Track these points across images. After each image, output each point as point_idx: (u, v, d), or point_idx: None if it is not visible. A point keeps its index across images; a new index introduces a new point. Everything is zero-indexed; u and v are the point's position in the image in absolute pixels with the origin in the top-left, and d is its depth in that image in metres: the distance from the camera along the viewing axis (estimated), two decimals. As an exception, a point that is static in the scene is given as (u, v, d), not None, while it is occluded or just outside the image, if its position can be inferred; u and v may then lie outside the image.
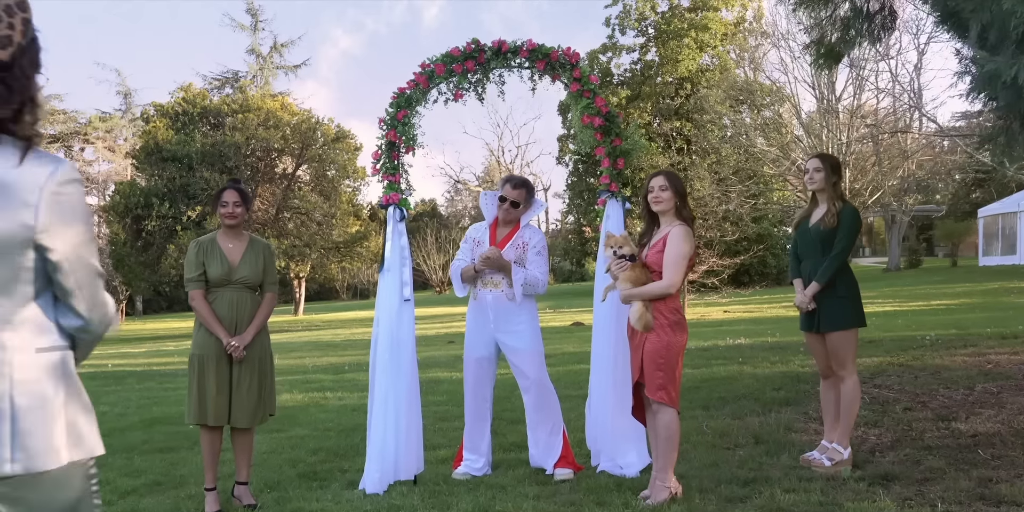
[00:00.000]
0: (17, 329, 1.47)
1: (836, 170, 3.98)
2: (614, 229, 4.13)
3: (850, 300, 3.92)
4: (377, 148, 4.00)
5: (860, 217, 3.96)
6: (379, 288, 4.13)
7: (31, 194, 1.43)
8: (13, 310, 1.46)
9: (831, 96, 23.52)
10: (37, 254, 1.47)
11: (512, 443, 4.79)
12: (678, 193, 3.64)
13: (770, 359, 7.91)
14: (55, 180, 1.46)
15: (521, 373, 4.14)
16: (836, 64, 4.82)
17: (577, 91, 4.08)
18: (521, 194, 4.15)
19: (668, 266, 3.55)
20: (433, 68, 3.94)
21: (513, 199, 4.13)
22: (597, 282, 4.24)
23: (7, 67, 1.45)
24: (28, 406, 1.45)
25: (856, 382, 3.93)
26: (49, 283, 1.51)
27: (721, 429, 4.80)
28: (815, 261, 3.96)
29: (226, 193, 3.92)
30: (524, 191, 4.17)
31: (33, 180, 1.44)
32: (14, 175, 1.43)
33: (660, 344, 3.52)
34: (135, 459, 4.97)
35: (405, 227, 4.08)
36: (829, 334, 3.93)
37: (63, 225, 1.47)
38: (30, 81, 1.50)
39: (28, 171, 1.44)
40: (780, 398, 5.67)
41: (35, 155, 1.46)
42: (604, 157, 4.21)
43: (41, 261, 1.48)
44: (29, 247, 1.45)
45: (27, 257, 1.46)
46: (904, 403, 5.22)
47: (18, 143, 1.46)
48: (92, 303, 1.55)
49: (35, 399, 1.46)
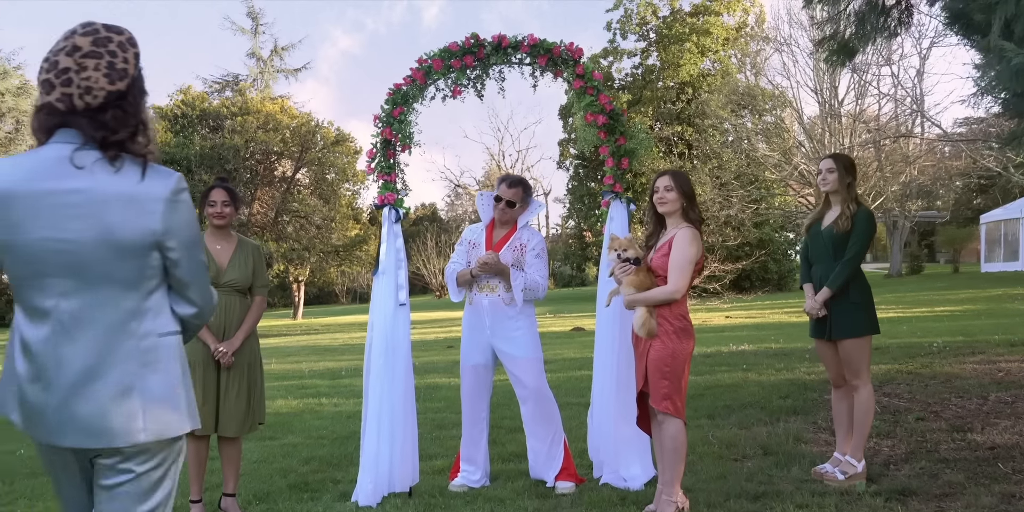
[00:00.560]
0: (144, 318, 1.72)
1: (850, 170, 3.81)
2: (618, 231, 3.98)
3: (863, 306, 3.75)
4: (372, 146, 3.85)
5: (875, 220, 3.78)
6: (373, 291, 3.97)
7: (155, 204, 1.69)
8: (140, 302, 1.72)
9: (834, 100, 23.40)
10: (159, 253, 1.72)
11: (511, 453, 4.62)
12: (684, 194, 3.48)
13: (775, 366, 7.75)
14: (171, 191, 1.71)
15: (519, 382, 3.98)
16: (850, 60, 4.68)
17: (580, 88, 3.93)
18: (517, 193, 3.99)
19: (674, 270, 3.39)
20: (431, 63, 3.79)
21: (509, 198, 3.97)
22: (600, 286, 4.08)
23: (123, 95, 1.70)
24: (155, 384, 1.71)
25: (870, 392, 3.77)
26: (166, 278, 1.78)
27: (728, 439, 4.64)
28: (827, 266, 3.80)
29: (214, 192, 3.76)
30: (520, 190, 4.01)
31: (155, 192, 1.69)
32: (139, 189, 1.68)
33: (665, 352, 3.36)
34: (121, 468, 4.80)
35: (401, 228, 3.92)
36: (841, 342, 3.76)
37: (179, 228, 1.72)
38: (141, 106, 1.74)
39: (149, 185, 1.69)
40: (787, 407, 5.51)
41: (152, 170, 1.72)
42: (608, 157, 4.05)
43: (161, 259, 1.73)
44: (154, 248, 1.71)
45: (152, 257, 1.71)
46: (916, 413, 5.06)
47: (136, 160, 1.70)
48: (202, 293, 1.82)
49: (160, 377, 1.72)
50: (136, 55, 1.75)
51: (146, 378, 1.70)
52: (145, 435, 1.68)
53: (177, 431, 1.74)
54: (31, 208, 1.65)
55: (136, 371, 1.69)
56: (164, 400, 1.71)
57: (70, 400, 1.66)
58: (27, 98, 35.04)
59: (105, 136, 1.68)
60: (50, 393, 1.67)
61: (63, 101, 1.66)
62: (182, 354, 1.80)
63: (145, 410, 1.68)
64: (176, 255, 1.73)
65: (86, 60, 1.67)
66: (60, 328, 1.67)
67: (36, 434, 1.71)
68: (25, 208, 1.65)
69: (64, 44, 1.69)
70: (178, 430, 1.74)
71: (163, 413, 1.70)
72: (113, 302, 1.69)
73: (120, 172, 1.68)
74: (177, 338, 1.79)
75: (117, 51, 1.70)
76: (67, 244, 1.65)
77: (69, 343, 1.67)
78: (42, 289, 1.68)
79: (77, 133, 1.68)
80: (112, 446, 1.67)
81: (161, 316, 1.75)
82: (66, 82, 1.66)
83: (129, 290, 1.70)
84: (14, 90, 34.74)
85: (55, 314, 1.68)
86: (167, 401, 1.72)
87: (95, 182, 1.66)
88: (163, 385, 1.72)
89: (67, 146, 1.67)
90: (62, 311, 1.67)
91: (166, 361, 1.73)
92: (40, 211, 1.65)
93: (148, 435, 1.68)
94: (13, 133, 34.38)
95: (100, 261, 1.67)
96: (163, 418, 1.71)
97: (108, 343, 1.68)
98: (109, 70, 1.68)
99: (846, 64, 4.59)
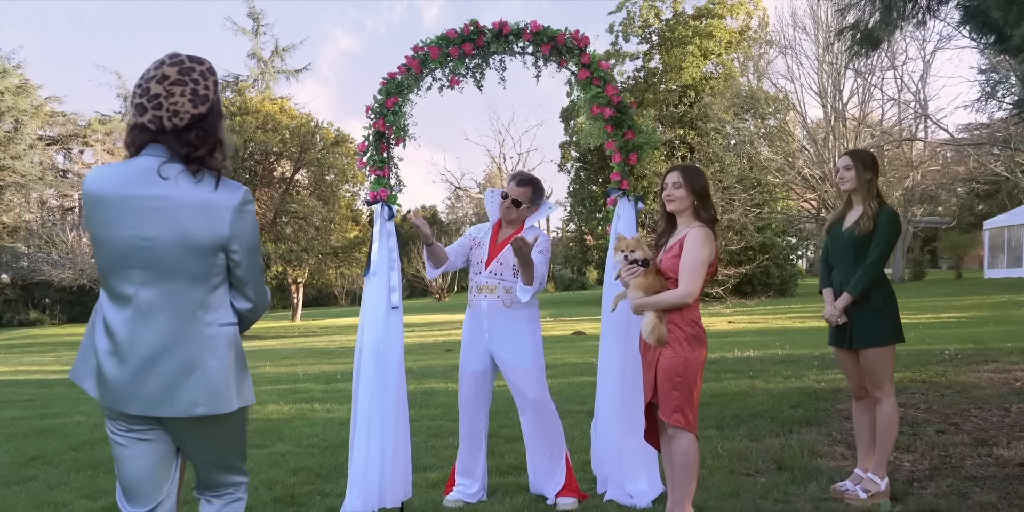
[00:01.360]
0: (208, 310, 1.99)
1: (869, 166, 3.55)
2: (625, 231, 3.73)
3: (886, 313, 3.50)
4: (364, 139, 3.61)
5: (899, 220, 3.52)
6: (364, 293, 3.73)
7: (224, 212, 1.96)
8: (206, 296, 1.98)
9: (838, 104, 23.18)
10: (224, 254, 2.00)
11: (510, 465, 4.38)
12: (694, 191, 3.24)
13: (783, 373, 7.51)
14: (239, 202, 1.99)
15: (518, 391, 3.73)
16: (874, 50, 4.45)
17: (586, 78, 3.69)
18: (525, 193, 3.75)
19: (685, 272, 3.15)
20: (427, 51, 3.56)
21: (515, 197, 3.74)
22: (606, 289, 3.83)
23: (204, 117, 1.97)
24: (215, 367, 1.98)
25: (894, 405, 3.52)
26: (227, 276, 2.05)
27: (739, 452, 4.39)
28: (848, 269, 3.56)
29: None
30: (529, 190, 3.77)
31: (225, 202, 1.96)
32: (212, 198, 1.95)
33: (676, 361, 3.12)
34: (99, 478, 4.56)
35: (395, 227, 3.68)
36: (863, 351, 3.52)
37: (243, 234, 2.00)
38: (219, 127, 2.01)
39: (221, 195, 1.97)
40: (799, 417, 5.27)
41: (224, 183, 1.99)
42: (615, 152, 3.81)
43: (225, 259, 2.01)
44: (220, 250, 1.98)
45: (219, 257, 1.99)
46: (936, 425, 4.81)
47: (212, 173, 1.98)
48: (258, 291, 2.09)
49: (219, 362, 1.99)
50: (215, 82, 2.03)
51: (206, 361, 1.97)
52: (202, 409, 1.97)
53: (229, 408, 2.01)
54: (119, 209, 1.94)
55: (199, 354, 1.97)
56: (220, 381, 1.99)
57: (140, 375, 1.95)
58: (26, 97, 34.85)
59: (188, 152, 1.96)
60: (124, 367, 1.96)
61: (154, 122, 1.95)
62: (238, 342, 2.08)
63: (204, 388, 1.97)
64: (238, 257, 2.02)
65: (174, 87, 1.94)
66: (138, 312, 1.96)
67: (108, 401, 2.00)
68: (114, 209, 1.95)
69: (155, 73, 1.96)
70: (230, 407, 2.01)
71: (218, 392, 1.99)
72: (183, 293, 1.97)
73: (199, 183, 1.97)
74: (234, 329, 2.06)
75: (199, 79, 1.97)
76: (148, 241, 1.94)
77: (145, 325, 1.96)
78: (126, 278, 1.97)
79: (165, 149, 1.97)
80: (172, 416, 1.97)
81: (222, 308, 2.03)
82: (157, 106, 1.94)
83: (197, 284, 1.98)
84: (13, 89, 34.51)
85: (135, 300, 1.96)
86: (222, 382, 2.00)
87: (176, 190, 1.94)
88: (220, 368, 2.00)
89: (156, 159, 1.97)
90: (141, 298, 1.96)
91: (223, 348, 2.01)
92: (127, 212, 1.94)
93: (204, 410, 1.97)
94: (12, 132, 34.17)
95: (174, 258, 1.94)
96: (218, 396, 1.99)
97: (177, 328, 1.96)
98: (193, 96, 1.95)
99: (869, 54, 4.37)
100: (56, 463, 5.01)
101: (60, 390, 9.53)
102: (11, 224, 33.87)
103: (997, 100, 21.22)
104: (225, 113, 9.29)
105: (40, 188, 36.29)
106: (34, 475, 4.68)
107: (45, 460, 5.12)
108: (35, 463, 5.04)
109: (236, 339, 2.05)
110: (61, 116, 39.57)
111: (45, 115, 37.58)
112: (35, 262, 29.80)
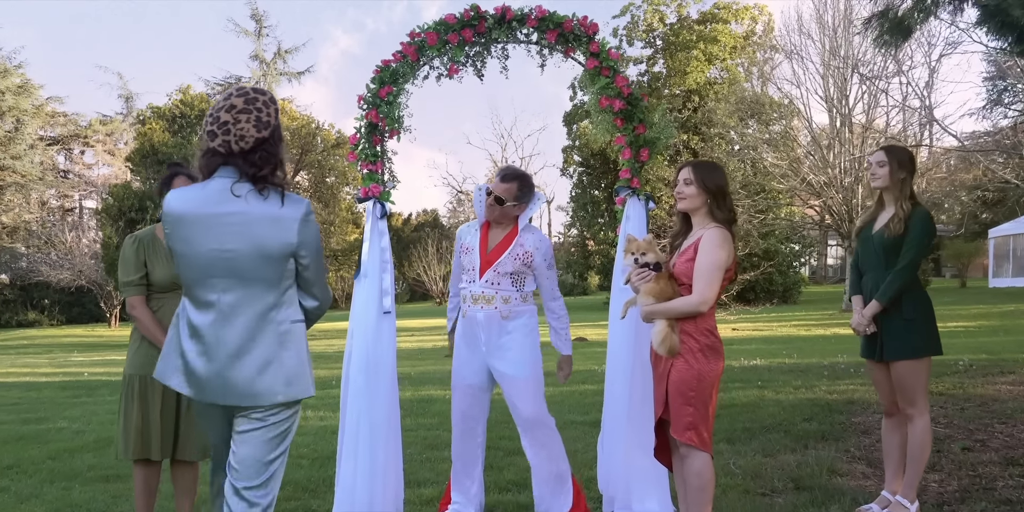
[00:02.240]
0: (281, 308, 2.24)
1: (904, 164, 3.28)
2: (635, 232, 3.46)
3: (920, 323, 3.24)
4: (356, 131, 3.37)
5: (933, 223, 3.25)
6: (354, 297, 3.48)
7: (292, 223, 2.21)
8: (279, 297, 2.23)
9: (845, 108, 22.94)
10: (295, 260, 2.25)
11: (509, 481, 4.11)
12: (707, 188, 2.95)
13: (792, 383, 7.25)
14: (303, 214, 2.23)
15: (514, 407, 3.44)
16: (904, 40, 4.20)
17: (594, 68, 3.44)
18: (510, 190, 3.37)
19: (700, 277, 2.89)
20: (424, 38, 3.31)
21: (499, 194, 3.37)
22: (614, 295, 3.57)
23: (266, 141, 2.21)
24: (288, 358, 2.23)
25: (927, 423, 3.25)
26: (295, 279, 2.30)
27: (752, 469, 4.13)
28: (878, 275, 3.29)
29: (177, 180, 3.31)
30: (515, 186, 3.37)
31: (292, 214, 2.21)
32: (281, 212, 2.20)
33: (689, 373, 2.86)
34: (74, 490, 4.30)
35: (388, 225, 3.43)
36: (894, 364, 3.26)
37: (309, 241, 2.24)
38: (279, 148, 2.24)
39: (288, 209, 2.21)
40: (814, 431, 5.00)
41: (289, 197, 2.24)
42: (625, 147, 3.56)
43: (294, 264, 2.27)
44: (291, 256, 2.23)
45: (289, 262, 2.24)
46: (960, 441, 4.55)
47: (276, 189, 2.23)
48: (323, 290, 2.33)
49: (291, 353, 2.25)
50: (276, 110, 2.27)
51: (282, 354, 2.22)
52: (283, 397, 2.22)
53: (304, 394, 2.27)
54: (202, 226, 2.19)
55: (275, 349, 2.22)
56: (295, 371, 2.25)
57: (226, 370, 2.20)
58: (27, 97, 34.69)
59: (255, 172, 2.20)
60: (212, 364, 2.21)
61: (224, 146, 2.19)
62: (304, 335, 2.32)
63: (283, 378, 2.22)
64: (306, 261, 2.27)
65: (240, 115, 2.18)
66: (221, 316, 2.21)
67: (198, 395, 2.25)
68: (197, 226, 2.20)
69: (224, 103, 2.21)
70: (305, 394, 2.27)
71: (295, 380, 2.24)
72: (260, 297, 2.22)
73: (267, 199, 2.21)
74: (302, 325, 2.31)
75: (263, 107, 2.22)
76: (229, 253, 2.19)
77: (228, 327, 2.21)
78: (209, 287, 2.22)
79: (234, 170, 2.22)
80: (257, 405, 2.21)
81: (292, 307, 2.28)
82: (225, 132, 2.18)
83: (271, 288, 2.23)
84: (14, 89, 34.36)
85: (218, 305, 2.21)
86: (298, 372, 2.25)
87: (248, 207, 2.19)
88: (294, 359, 2.25)
89: (228, 180, 2.21)
90: (223, 303, 2.21)
91: (295, 341, 2.27)
92: (209, 229, 2.19)
93: (284, 397, 2.23)
94: (12, 132, 34.00)
95: (252, 266, 2.19)
96: (295, 384, 2.24)
97: (255, 327, 2.21)
98: (257, 122, 2.19)
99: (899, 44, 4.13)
100: (31, 473, 4.75)
101: (48, 393, 9.29)
102: (11, 224, 33.69)
103: (1004, 106, 20.99)
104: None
105: (40, 188, 36.12)
106: (6, 486, 4.42)
107: (20, 469, 4.87)
108: (9, 473, 4.78)
109: (304, 334, 2.31)
110: (62, 116, 39.42)
111: (46, 115, 37.45)
112: (34, 263, 29.59)
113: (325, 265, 2.34)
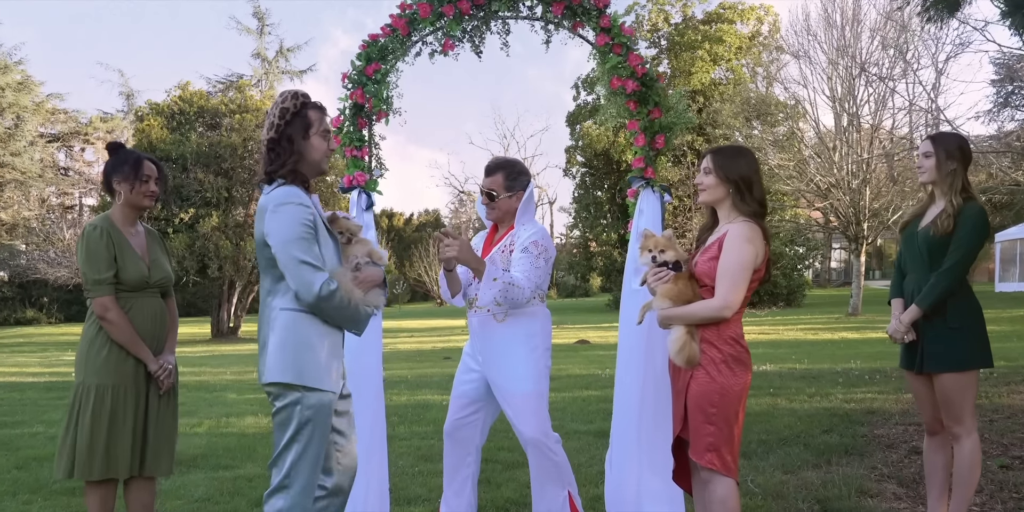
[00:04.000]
0: (276, 295, 2.43)
1: (954, 155, 2.92)
2: (650, 227, 3.11)
3: (966, 332, 2.88)
4: (339, 112, 3.03)
5: (987, 221, 2.88)
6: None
7: (264, 213, 2.42)
8: (273, 284, 2.44)
9: (853, 108, 22.59)
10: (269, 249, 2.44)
11: (507, 499, 3.76)
12: (729, 178, 2.61)
13: (806, 391, 6.92)
14: (275, 203, 2.39)
15: (513, 426, 3.06)
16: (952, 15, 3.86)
17: (605, 45, 3.09)
18: (496, 181, 3.05)
19: (723, 278, 2.54)
20: (416, 10, 2.98)
21: (486, 189, 3.06)
22: (625, 297, 3.22)
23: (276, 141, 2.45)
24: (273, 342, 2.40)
25: (976, 443, 2.89)
26: None
27: (773, 488, 3.78)
28: (922, 277, 2.95)
29: (147, 165, 2.97)
30: (500, 176, 3.05)
31: (265, 204, 2.42)
32: (262, 202, 2.44)
33: (711, 387, 2.53)
34: (35, 504, 3.97)
35: (373, 218, 3.09)
36: (937, 377, 2.91)
37: (274, 230, 2.38)
38: (290, 148, 2.43)
39: (266, 198, 2.43)
40: (835, 445, 4.66)
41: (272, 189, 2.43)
42: (638, 133, 3.21)
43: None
44: (266, 245, 2.40)
45: (268, 251, 2.41)
46: (997, 458, 4.21)
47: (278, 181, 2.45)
48: (296, 282, 2.37)
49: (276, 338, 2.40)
50: (283, 109, 2.43)
51: (270, 338, 2.37)
52: (267, 377, 2.36)
53: (272, 379, 2.34)
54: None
55: (267, 332, 2.39)
56: (276, 356, 2.35)
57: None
58: (27, 94, 34.42)
59: (265, 169, 2.43)
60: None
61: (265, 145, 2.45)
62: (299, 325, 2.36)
63: (267, 361, 2.36)
64: (273, 250, 2.35)
65: (265, 120, 2.45)
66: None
67: None
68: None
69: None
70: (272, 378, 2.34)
71: (274, 365, 2.34)
72: (263, 283, 2.44)
73: (268, 192, 2.41)
74: (294, 313, 2.37)
75: (274, 110, 2.42)
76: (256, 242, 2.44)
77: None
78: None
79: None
80: (261, 382, 2.39)
81: (286, 295, 2.37)
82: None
83: (266, 274, 2.41)
84: (15, 85, 34.10)
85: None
86: (278, 356, 2.35)
87: (262, 200, 2.42)
88: (277, 346, 2.36)
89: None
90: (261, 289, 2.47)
91: (281, 328, 2.36)
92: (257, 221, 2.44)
93: (269, 377, 2.35)
94: (12, 129, 33.73)
95: (257, 255, 2.43)
96: (273, 369, 2.34)
97: (261, 311, 2.44)
98: (269, 126, 2.43)
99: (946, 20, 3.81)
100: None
101: (31, 395, 8.95)
102: (10, 221, 33.43)
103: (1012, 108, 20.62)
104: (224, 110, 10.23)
105: (40, 186, 35.87)
106: (-37, 499, 4.09)
107: (-17, 479, 4.53)
108: (-29, 483, 4.45)
109: (296, 322, 2.35)
110: (62, 113, 39.17)
111: (46, 112, 37.21)
112: (33, 260, 29.31)
113: (302, 257, 2.30)
